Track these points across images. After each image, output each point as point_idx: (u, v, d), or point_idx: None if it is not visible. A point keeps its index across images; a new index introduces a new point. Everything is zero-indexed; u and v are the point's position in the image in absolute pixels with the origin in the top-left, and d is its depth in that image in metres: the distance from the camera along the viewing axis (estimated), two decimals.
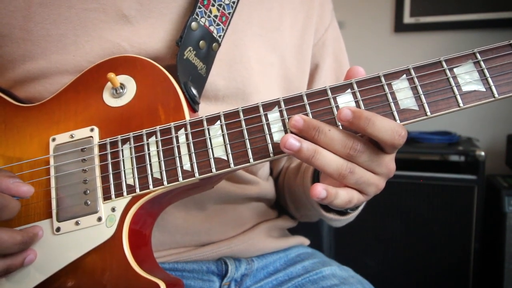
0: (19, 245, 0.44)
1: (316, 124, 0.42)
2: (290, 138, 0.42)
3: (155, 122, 0.49)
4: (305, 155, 0.42)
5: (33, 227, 0.47)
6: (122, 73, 0.51)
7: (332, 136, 0.42)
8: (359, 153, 0.42)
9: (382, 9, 2.04)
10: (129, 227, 0.46)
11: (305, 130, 0.42)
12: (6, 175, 0.45)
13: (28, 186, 0.45)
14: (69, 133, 0.50)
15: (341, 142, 0.42)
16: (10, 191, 0.44)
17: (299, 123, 0.42)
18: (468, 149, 1.56)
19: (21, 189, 0.44)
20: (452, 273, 1.56)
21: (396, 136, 0.41)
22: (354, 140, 0.42)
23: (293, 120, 0.43)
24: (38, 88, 0.54)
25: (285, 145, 0.42)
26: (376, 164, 0.44)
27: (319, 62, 0.71)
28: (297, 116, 0.43)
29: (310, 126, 0.42)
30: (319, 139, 0.42)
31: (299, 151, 0.42)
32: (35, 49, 0.53)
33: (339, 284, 0.64)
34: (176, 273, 0.62)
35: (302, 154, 0.42)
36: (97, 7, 0.54)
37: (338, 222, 0.66)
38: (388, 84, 0.44)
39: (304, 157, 0.42)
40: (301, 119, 0.42)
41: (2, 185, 0.44)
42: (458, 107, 0.42)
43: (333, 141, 0.42)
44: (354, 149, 0.42)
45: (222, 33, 0.57)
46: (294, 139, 0.42)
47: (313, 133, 0.42)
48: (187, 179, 0.46)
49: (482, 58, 0.43)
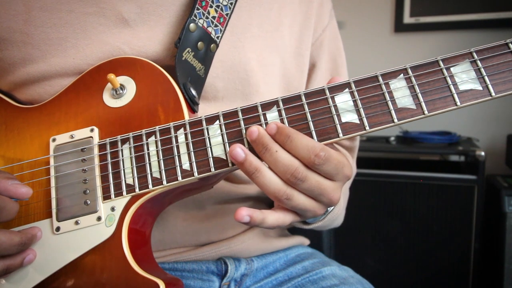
0: (17, 246, 0.45)
1: (266, 142, 0.43)
2: (237, 147, 0.42)
3: (154, 123, 0.49)
4: (247, 169, 0.43)
5: (32, 228, 0.47)
6: (122, 74, 0.52)
7: (276, 158, 0.43)
8: (299, 181, 0.43)
9: (382, 9, 2.04)
10: (129, 227, 0.47)
11: (255, 144, 0.43)
12: (5, 176, 0.45)
13: (26, 188, 0.45)
14: (69, 134, 0.50)
15: (284, 166, 0.43)
16: (9, 192, 0.44)
17: (253, 135, 0.43)
18: (468, 149, 1.56)
19: (20, 190, 0.45)
20: (452, 273, 1.56)
21: (312, 156, 0.42)
22: (298, 167, 0.43)
23: (248, 130, 0.43)
24: (38, 90, 0.54)
25: (231, 153, 0.42)
26: (317, 194, 0.44)
27: (316, 62, 0.71)
28: (254, 127, 0.43)
29: (260, 142, 0.43)
30: (264, 157, 0.43)
31: (242, 163, 0.42)
32: (35, 52, 0.53)
33: (339, 284, 0.64)
34: (175, 273, 0.62)
35: (244, 167, 0.43)
36: (97, 10, 0.54)
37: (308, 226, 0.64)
38: (386, 83, 0.44)
39: (246, 171, 0.43)
40: (256, 131, 0.43)
41: (1, 186, 0.44)
42: (455, 105, 0.43)
43: (277, 163, 0.43)
44: (295, 177, 0.43)
45: (220, 34, 0.57)
46: (241, 149, 0.42)
47: (261, 149, 0.43)
48: (186, 178, 0.46)
49: (478, 57, 0.43)
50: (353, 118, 0.44)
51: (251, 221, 0.43)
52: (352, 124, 0.44)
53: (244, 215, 0.42)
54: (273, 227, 0.45)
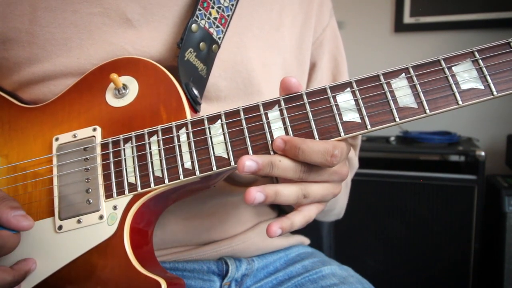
0: (9, 284, 0.44)
1: (269, 161, 0.43)
2: (254, 190, 0.43)
3: (157, 122, 0.49)
4: (269, 201, 0.43)
5: (26, 262, 0.46)
6: (125, 74, 0.52)
7: (284, 166, 0.44)
8: (307, 173, 0.44)
9: (382, 9, 2.04)
10: (131, 225, 0.47)
11: (261, 169, 0.43)
12: (8, 205, 0.44)
13: (28, 221, 0.44)
14: (72, 133, 0.51)
15: (292, 168, 0.44)
16: (10, 225, 0.43)
17: (252, 167, 0.43)
18: (468, 149, 1.56)
19: (21, 224, 0.44)
20: (452, 273, 1.56)
21: (328, 158, 0.43)
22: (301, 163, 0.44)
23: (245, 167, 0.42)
24: (43, 89, 0.55)
25: (249, 197, 0.42)
26: (327, 176, 0.46)
27: (316, 61, 0.72)
28: (248, 162, 0.42)
29: (264, 164, 0.43)
30: (273, 173, 0.44)
31: (264, 201, 0.43)
32: (40, 52, 0.54)
33: (339, 283, 0.64)
34: (176, 272, 0.62)
35: (268, 201, 0.43)
36: (101, 11, 0.54)
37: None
38: (387, 82, 0.44)
39: (269, 202, 0.44)
40: (254, 162, 0.43)
41: (3, 217, 0.43)
42: (457, 104, 0.43)
43: (286, 170, 0.44)
44: (303, 171, 0.44)
45: (222, 35, 0.58)
46: (258, 191, 0.43)
47: (268, 170, 0.43)
48: (188, 177, 0.46)
49: (480, 57, 0.43)
50: (354, 117, 0.44)
51: (283, 231, 0.44)
52: (354, 123, 0.44)
53: (276, 230, 0.44)
54: (303, 226, 0.47)
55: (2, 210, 0.43)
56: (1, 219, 0.43)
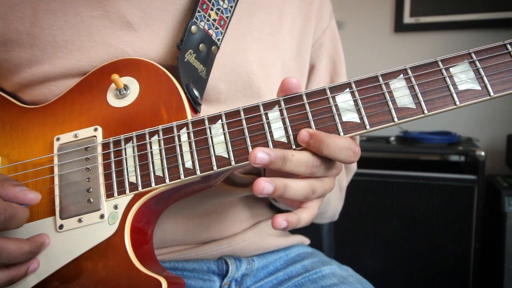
0: (27, 254, 0.45)
1: (281, 154, 0.43)
2: (263, 180, 0.42)
3: (157, 122, 0.50)
4: (278, 193, 0.43)
5: (40, 236, 0.47)
6: (126, 75, 0.52)
7: (297, 160, 0.43)
8: (318, 168, 0.44)
9: (382, 9, 2.04)
10: (131, 225, 0.47)
11: (273, 162, 0.42)
12: (12, 183, 0.45)
13: (35, 193, 0.45)
14: (73, 133, 0.51)
15: (305, 163, 0.44)
16: (18, 199, 0.44)
17: (264, 160, 0.42)
18: (468, 149, 1.56)
19: (28, 196, 0.45)
20: (452, 273, 1.56)
21: (351, 154, 0.43)
22: (314, 159, 0.44)
23: (257, 159, 0.42)
24: (43, 90, 0.55)
25: (258, 187, 0.42)
26: (331, 170, 0.46)
27: (315, 63, 0.72)
28: (260, 154, 0.42)
29: (277, 157, 0.42)
30: (286, 167, 0.43)
31: (273, 193, 0.43)
32: (41, 54, 0.54)
33: (339, 283, 0.64)
34: (176, 272, 0.63)
35: (275, 193, 0.43)
36: (102, 14, 0.55)
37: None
38: (386, 83, 0.45)
39: (277, 195, 0.43)
40: (266, 155, 0.42)
41: (10, 193, 0.44)
42: (454, 105, 0.43)
43: (298, 165, 0.43)
44: (315, 166, 0.44)
45: (221, 36, 0.58)
46: (267, 181, 0.42)
47: (281, 164, 0.43)
48: (189, 176, 0.46)
49: (477, 58, 0.44)
50: (353, 117, 0.45)
51: (289, 225, 0.44)
52: (353, 123, 0.45)
53: (281, 221, 0.43)
54: (309, 223, 0.47)
55: (7, 188, 0.44)
56: (8, 195, 0.44)
